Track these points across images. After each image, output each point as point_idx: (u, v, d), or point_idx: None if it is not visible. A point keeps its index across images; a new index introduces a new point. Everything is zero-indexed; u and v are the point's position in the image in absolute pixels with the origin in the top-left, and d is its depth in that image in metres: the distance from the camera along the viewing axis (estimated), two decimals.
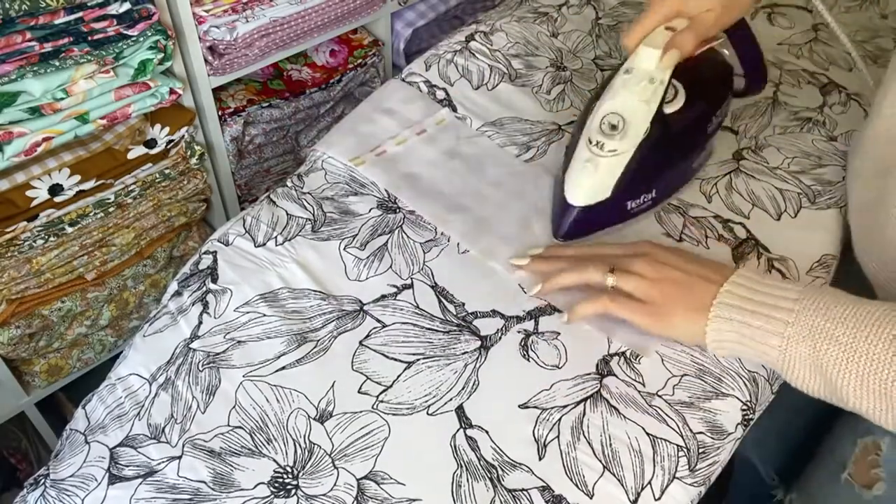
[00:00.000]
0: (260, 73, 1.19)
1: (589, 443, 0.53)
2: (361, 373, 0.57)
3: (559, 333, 0.60)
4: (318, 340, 0.58)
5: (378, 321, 0.60)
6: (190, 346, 0.58)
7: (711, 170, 0.75)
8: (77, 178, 0.88)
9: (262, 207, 0.69)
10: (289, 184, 0.71)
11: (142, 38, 0.86)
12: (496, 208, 0.70)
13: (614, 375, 0.58)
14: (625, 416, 0.55)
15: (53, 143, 0.84)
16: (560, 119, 0.81)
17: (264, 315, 0.60)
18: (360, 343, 0.58)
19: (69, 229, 0.92)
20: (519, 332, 0.60)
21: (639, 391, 0.57)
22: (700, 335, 0.56)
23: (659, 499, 0.51)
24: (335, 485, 0.50)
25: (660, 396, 0.56)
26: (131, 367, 0.58)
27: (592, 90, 0.86)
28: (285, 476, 0.51)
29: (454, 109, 0.80)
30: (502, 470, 0.52)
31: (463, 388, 0.56)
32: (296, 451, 0.52)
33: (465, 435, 0.53)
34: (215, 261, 0.64)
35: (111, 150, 0.92)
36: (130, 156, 0.92)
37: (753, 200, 0.72)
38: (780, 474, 0.97)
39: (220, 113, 1.07)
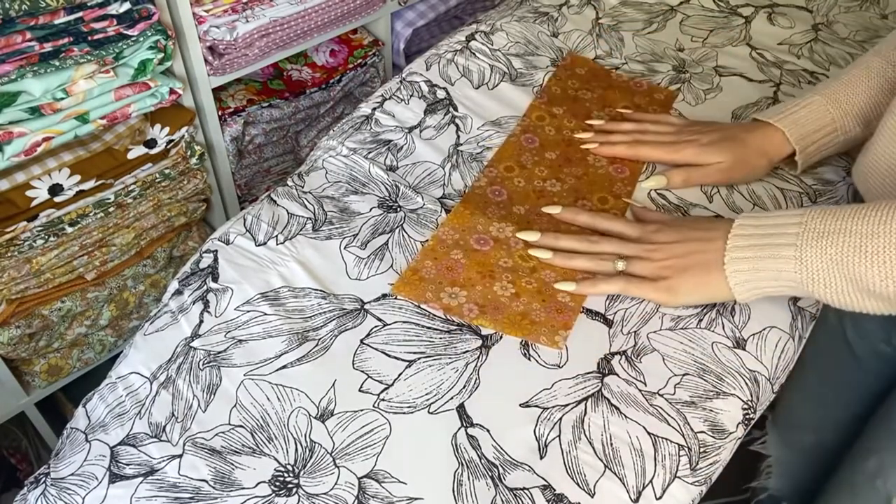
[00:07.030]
0: (260, 73, 1.19)
1: (590, 442, 0.53)
2: (362, 371, 0.57)
3: None
4: (319, 339, 0.58)
5: (379, 320, 0.60)
6: (191, 344, 0.58)
7: None
8: (77, 178, 0.88)
9: (262, 206, 0.69)
10: (289, 183, 0.71)
11: (142, 38, 0.86)
12: None
13: (615, 374, 0.58)
14: (626, 416, 0.55)
15: (53, 143, 0.84)
16: None
17: (265, 314, 0.60)
18: (361, 342, 0.58)
19: (69, 229, 0.92)
20: None
21: (640, 390, 0.57)
22: (725, 289, 0.58)
23: (660, 498, 0.51)
24: (336, 483, 0.50)
25: (661, 395, 0.56)
26: (132, 366, 0.58)
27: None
28: (286, 475, 0.51)
29: (455, 109, 0.80)
30: (503, 469, 0.52)
31: (464, 387, 0.56)
32: (297, 450, 0.52)
33: (467, 434, 0.53)
34: (216, 260, 0.64)
35: (111, 150, 0.92)
36: (130, 156, 0.92)
37: (754, 200, 0.72)
38: None
39: (220, 113, 1.07)
